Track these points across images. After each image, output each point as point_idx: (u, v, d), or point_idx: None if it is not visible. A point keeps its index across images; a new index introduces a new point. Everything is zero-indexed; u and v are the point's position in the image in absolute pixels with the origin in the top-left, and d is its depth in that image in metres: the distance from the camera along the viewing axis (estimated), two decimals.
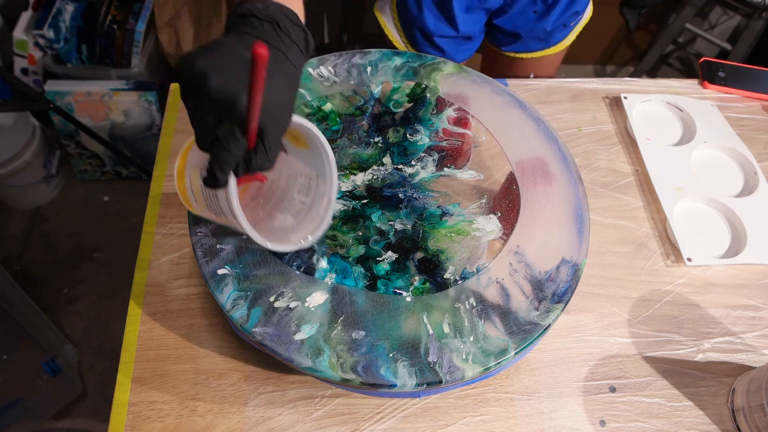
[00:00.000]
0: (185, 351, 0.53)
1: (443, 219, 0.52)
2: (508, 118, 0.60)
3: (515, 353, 0.44)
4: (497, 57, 0.90)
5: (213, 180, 0.36)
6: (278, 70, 0.36)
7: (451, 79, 0.63)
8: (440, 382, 0.42)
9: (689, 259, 0.62)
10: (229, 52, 0.34)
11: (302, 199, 0.46)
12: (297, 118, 0.39)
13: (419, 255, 0.49)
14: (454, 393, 0.53)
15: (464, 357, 0.44)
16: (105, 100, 1.37)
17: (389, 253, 0.49)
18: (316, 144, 0.43)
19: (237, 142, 0.34)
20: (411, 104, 0.61)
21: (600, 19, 0.86)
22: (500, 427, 0.51)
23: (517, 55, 0.86)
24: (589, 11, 0.83)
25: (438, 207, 0.53)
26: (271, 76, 0.34)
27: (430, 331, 0.45)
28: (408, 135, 0.58)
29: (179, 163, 0.44)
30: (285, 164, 0.47)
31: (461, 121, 0.60)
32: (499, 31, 0.84)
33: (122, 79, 1.41)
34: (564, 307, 0.47)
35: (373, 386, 0.42)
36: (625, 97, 0.76)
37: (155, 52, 1.50)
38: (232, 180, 0.36)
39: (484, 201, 0.53)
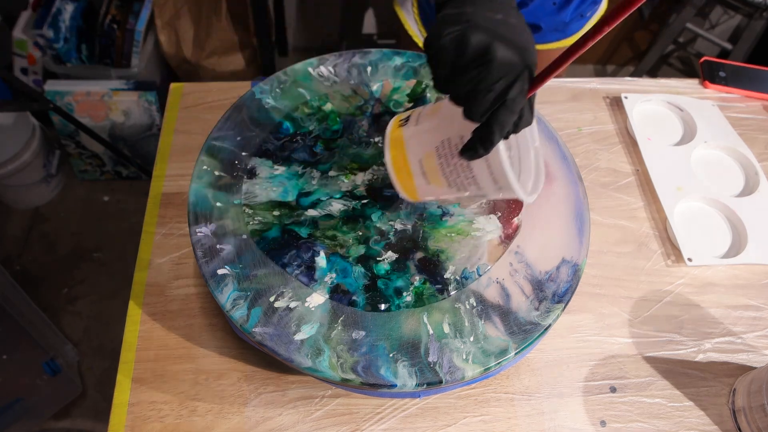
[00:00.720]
0: (185, 351, 0.53)
1: (443, 219, 0.52)
2: None
3: (515, 353, 0.44)
4: None
5: (487, 147, 0.36)
6: (526, 27, 0.37)
7: None
8: (440, 382, 0.42)
9: (690, 259, 0.62)
10: (483, 19, 0.34)
11: (505, 153, 0.46)
12: None
13: (419, 255, 0.49)
14: (454, 393, 0.52)
15: (464, 357, 0.43)
16: (105, 100, 1.37)
17: (389, 253, 0.49)
18: None
19: (522, 102, 0.35)
20: (411, 104, 0.60)
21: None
22: (500, 427, 0.51)
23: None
24: (605, 2, 0.83)
25: (438, 207, 0.53)
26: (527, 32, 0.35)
27: (430, 331, 0.45)
28: None
29: (395, 151, 0.43)
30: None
31: None
32: None
33: (122, 79, 1.41)
34: (564, 307, 0.47)
35: (373, 386, 0.42)
36: (626, 97, 0.76)
37: (155, 52, 1.50)
38: (501, 143, 0.37)
39: (484, 201, 0.53)
